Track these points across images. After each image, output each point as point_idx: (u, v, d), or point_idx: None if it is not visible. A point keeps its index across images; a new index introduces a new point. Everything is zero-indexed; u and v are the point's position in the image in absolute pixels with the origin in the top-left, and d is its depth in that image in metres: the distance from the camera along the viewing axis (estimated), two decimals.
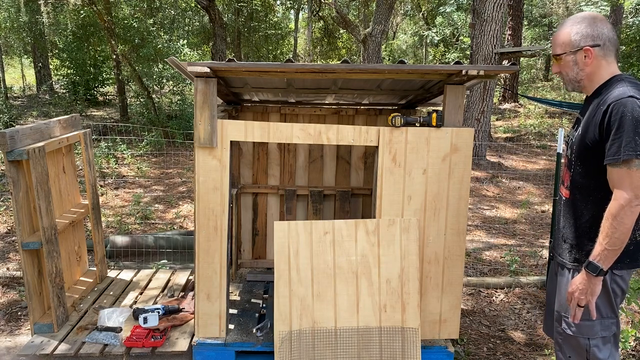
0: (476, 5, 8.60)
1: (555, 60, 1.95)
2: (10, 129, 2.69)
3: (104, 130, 9.94)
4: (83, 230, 3.68)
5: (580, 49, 1.85)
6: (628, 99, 1.73)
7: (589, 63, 1.87)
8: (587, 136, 1.85)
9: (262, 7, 18.24)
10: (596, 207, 1.86)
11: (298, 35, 24.71)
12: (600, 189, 1.85)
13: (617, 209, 1.72)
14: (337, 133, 2.63)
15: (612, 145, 1.74)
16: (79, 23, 13.69)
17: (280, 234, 2.66)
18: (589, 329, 1.94)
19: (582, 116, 1.96)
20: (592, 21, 1.85)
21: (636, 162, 1.70)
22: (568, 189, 1.98)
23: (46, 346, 2.73)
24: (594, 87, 1.91)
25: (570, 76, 1.93)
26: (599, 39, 1.84)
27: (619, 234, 1.73)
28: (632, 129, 1.70)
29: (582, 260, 1.90)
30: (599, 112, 1.80)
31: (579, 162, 1.91)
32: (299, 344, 2.64)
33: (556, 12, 20.94)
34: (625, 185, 1.72)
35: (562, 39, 1.90)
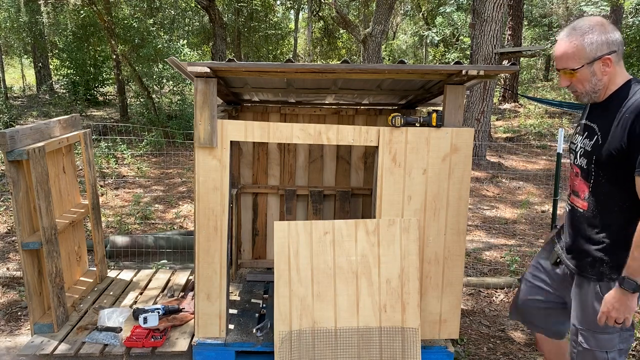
0: (476, 5, 8.60)
1: (568, 75, 1.82)
2: (10, 129, 2.69)
3: (104, 130, 9.94)
4: (83, 230, 3.68)
5: (597, 59, 1.75)
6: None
7: (607, 72, 1.77)
8: (612, 145, 1.74)
9: (262, 7, 18.24)
10: (623, 217, 1.79)
11: (298, 35, 24.71)
12: (626, 199, 1.77)
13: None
14: (337, 133, 2.63)
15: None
16: (79, 23, 13.69)
17: (280, 234, 2.66)
18: (607, 342, 1.88)
19: (592, 123, 1.86)
20: (603, 28, 1.75)
21: None
22: (586, 201, 1.88)
23: (46, 346, 2.73)
24: (607, 94, 1.82)
25: (588, 88, 1.82)
26: (614, 45, 1.75)
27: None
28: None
29: (607, 272, 1.84)
30: (625, 120, 1.70)
31: (601, 172, 1.81)
32: (299, 344, 2.64)
33: (556, 12, 20.94)
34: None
35: (573, 51, 1.77)
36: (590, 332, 1.90)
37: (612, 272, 1.83)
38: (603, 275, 1.84)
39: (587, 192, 1.87)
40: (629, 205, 1.77)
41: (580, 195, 1.91)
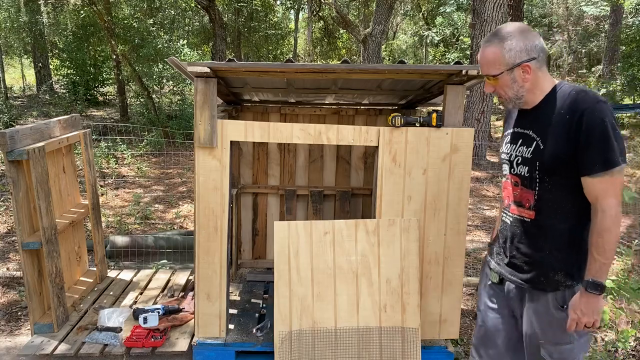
0: (476, 5, 8.60)
1: (490, 81, 1.81)
2: (10, 129, 2.69)
3: (104, 130, 9.94)
4: (83, 230, 3.68)
5: (517, 66, 1.73)
6: (600, 105, 1.65)
7: (528, 79, 1.76)
8: (555, 148, 1.71)
9: (262, 7, 18.24)
10: (573, 221, 1.75)
11: (298, 35, 24.72)
12: (572, 202, 1.74)
13: (610, 221, 1.63)
14: (337, 133, 2.63)
15: (592, 155, 1.63)
16: (79, 23, 13.70)
17: (280, 234, 2.66)
18: (569, 353, 1.83)
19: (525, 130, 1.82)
20: (522, 34, 1.73)
21: (618, 168, 1.63)
22: (533, 209, 1.81)
23: (46, 346, 2.73)
24: (538, 99, 1.79)
25: (510, 95, 1.80)
26: (533, 52, 1.73)
27: (614, 245, 1.65)
28: (611, 134, 1.62)
29: (562, 281, 1.78)
30: (568, 122, 1.68)
31: (546, 177, 1.76)
32: (299, 344, 2.63)
33: (556, 12, 20.93)
34: (610, 195, 1.63)
35: (493, 58, 1.76)
36: (553, 344, 1.84)
37: (567, 279, 1.78)
38: (558, 284, 1.79)
39: (532, 200, 1.81)
40: (577, 209, 1.74)
41: (525, 205, 1.84)
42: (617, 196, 1.64)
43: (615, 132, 1.63)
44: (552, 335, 1.83)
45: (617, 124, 1.65)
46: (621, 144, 1.63)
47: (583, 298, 1.70)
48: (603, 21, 19.27)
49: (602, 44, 19.48)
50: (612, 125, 1.62)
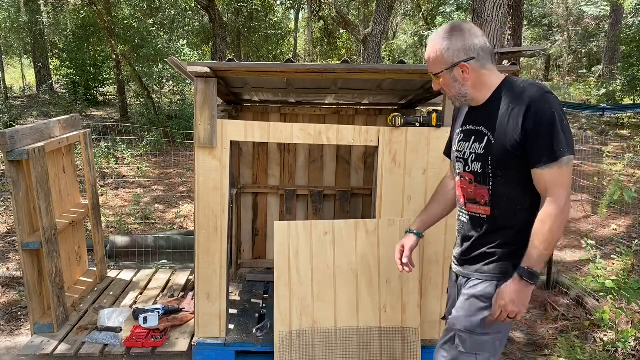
0: (476, 5, 8.59)
1: (435, 79, 1.82)
2: (10, 129, 2.69)
3: (104, 130, 9.94)
4: (83, 230, 3.68)
5: (456, 65, 1.73)
6: (547, 96, 1.64)
7: (467, 78, 1.74)
8: (506, 142, 1.69)
9: (262, 7, 18.24)
10: (526, 215, 1.73)
11: (298, 35, 24.71)
12: (525, 195, 1.73)
13: (557, 210, 1.61)
14: (337, 133, 2.63)
15: (540, 146, 1.62)
16: (79, 23, 13.69)
17: (280, 234, 2.66)
18: (482, 345, 1.80)
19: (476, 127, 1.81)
20: (461, 33, 1.72)
21: (565, 160, 1.60)
22: (488, 205, 1.79)
23: (46, 346, 2.73)
24: (486, 95, 1.77)
25: (454, 92, 1.80)
26: (471, 52, 1.71)
27: (557, 236, 1.63)
28: (558, 125, 1.61)
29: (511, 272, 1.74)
30: (516, 115, 1.66)
31: (499, 172, 1.74)
32: (299, 344, 2.63)
33: (556, 12, 20.93)
34: (559, 185, 1.62)
35: (434, 56, 1.76)
36: (467, 332, 1.81)
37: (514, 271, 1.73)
38: (507, 275, 1.75)
39: (487, 196, 1.79)
40: (530, 202, 1.73)
41: (480, 202, 1.82)
42: (567, 187, 1.63)
43: (563, 123, 1.62)
44: (469, 322, 1.81)
45: (565, 115, 1.64)
46: (568, 135, 1.62)
47: (515, 286, 1.67)
48: (603, 21, 19.28)
49: (602, 44, 19.48)
50: (559, 116, 1.62)
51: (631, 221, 6.12)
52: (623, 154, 9.39)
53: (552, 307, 3.80)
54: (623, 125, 12.41)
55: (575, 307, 3.80)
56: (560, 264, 4.80)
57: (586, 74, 19.83)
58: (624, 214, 6.33)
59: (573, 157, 1.62)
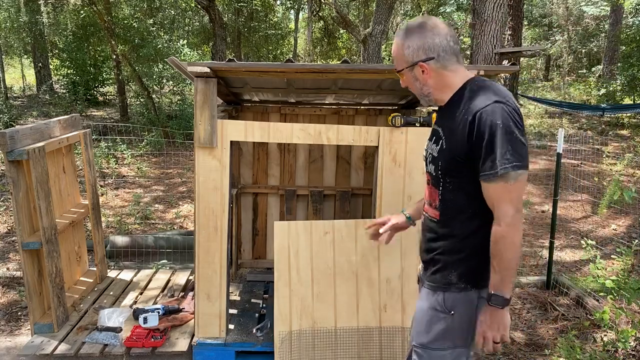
0: (476, 5, 8.60)
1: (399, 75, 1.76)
2: (10, 129, 2.69)
3: (104, 130, 9.94)
4: (83, 230, 3.68)
5: (415, 65, 1.66)
6: (495, 105, 1.53)
7: (427, 78, 1.68)
8: (456, 151, 1.63)
9: (262, 7, 18.24)
10: (472, 225, 1.67)
11: (298, 35, 24.72)
12: (473, 205, 1.66)
13: (505, 230, 1.54)
14: (337, 133, 2.63)
15: (485, 159, 1.53)
16: (79, 23, 13.70)
17: (280, 234, 2.66)
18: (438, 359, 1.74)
19: (439, 127, 1.75)
20: (422, 31, 1.64)
21: (513, 175, 1.51)
22: (438, 209, 1.74)
23: (46, 346, 2.73)
24: (448, 96, 1.70)
25: (416, 92, 1.74)
26: (431, 51, 1.63)
27: (513, 254, 1.56)
28: (504, 138, 1.50)
29: (455, 281, 1.71)
30: (464, 123, 1.58)
31: (447, 178, 1.69)
32: (299, 344, 2.64)
33: (556, 12, 20.94)
34: (506, 202, 1.53)
35: (397, 53, 1.70)
36: (423, 348, 1.75)
37: (460, 281, 1.71)
38: (451, 285, 1.72)
39: (437, 200, 1.75)
40: (478, 212, 1.65)
41: (432, 204, 1.78)
42: (514, 203, 1.54)
43: (512, 135, 1.51)
44: (425, 336, 1.75)
45: (516, 125, 1.53)
46: (518, 148, 1.51)
47: (487, 311, 1.63)
48: (603, 21, 19.28)
49: (602, 44, 19.49)
50: (505, 128, 1.51)
51: (631, 221, 6.13)
52: (623, 154, 9.39)
53: (552, 307, 3.80)
54: (623, 125, 12.42)
55: (575, 307, 3.80)
56: (560, 264, 4.80)
57: (586, 74, 19.84)
58: (624, 214, 6.33)
59: (522, 172, 1.53)
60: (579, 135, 11.32)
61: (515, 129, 1.52)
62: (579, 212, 6.57)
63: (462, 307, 1.70)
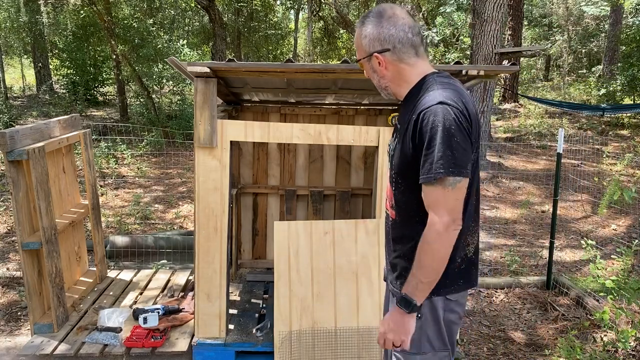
0: (476, 5, 8.60)
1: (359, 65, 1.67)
2: (10, 129, 2.69)
3: (104, 130, 9.94)
4: (83, 230, 3.68)
5: (371, 55, 1.58)
6: (438, 107, 1.44)
7: (384, 71, 1.60)
8: (403, 149, 1.55)
9: (262, 7, 18.24)
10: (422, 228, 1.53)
11: (298, 35, 24.70)
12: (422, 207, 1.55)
13: (433, 236, 1.45)
14: (337, 133, 2.63)
15: (424, 161, 1.45)
16: (79, 23, 13.69)
17: (280, 234, 2.66)
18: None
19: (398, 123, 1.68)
20: (378, 20, 1.56)
21: (450, 180, 1.42)
22: (394, 209, 1.67)
23: (46, 346, 2.73)
24: (405, 91, 1.62)
25: (375, 84, 1.67)
26: (386, 43, 1.55)
27: (435, 264, 1.47)
28: (444, 141, 1.41)
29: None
30: (410, 123, 1.50)
31: (399, 178, 1.61)
32: (299, 344, 2.63)
33: (556, 12, 20.94)
34: (440, 208, 1.44)
35: (356, 42, 1.62)
36: (402, 353, 1.67)
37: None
38: None
39: (392, 200, 1.67)
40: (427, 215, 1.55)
41: (389, 203, 1.70)
42: (449, 210, 1.44)
43: (452, 139, 1.42)
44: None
45: (459, 130, 1.43)
46: (458, 154, 1.42)
47: (393, 313, 1.55)
48: (603, 21, 19.28)
49: (602, 44, 19.49)
50: (446, 131, 1.42)
51: (631, 221, 6.13)
52: (623, 154, 9.39)
53: (552, 307, 3.80)
54: (623, 125, 12.42)
55: (575, 307, 3.80)
56: (560, 264, 4.80)
57: (586, 74, 19.84)
58: (624, 214, 6.33)
59: (461, 179, 1.44)
60: (579, 135, 11.32)
61: (458, 134, 1.43)
62: (579, 212, 6.57)
63: (428, 312, 1.63)
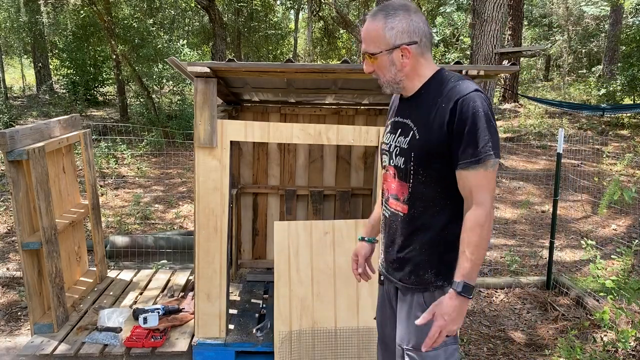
0: (476, 5, 8.60)
1: (369, 59, 1.64)
2: (10, 129, 2.69)
3: (104, 130, 9.94)
4: (83, 230, 3.68)
5: (396, 48, 1.57)
6: (475, 94, 1.52)
7: (406, 63, 1.60)
8: (431, 139, 1.58)
9: (262, 7, 18.24)
10: (445, 217, 1.63)
11: (298, 35, 24.71)
12: (446, 196, 1.62)
13: (484, 217, 1.50)
14: (337, 133, 2.63)
15: (467, 146, 1.51)
16: (79, 23, 13.69)
17: (280, 234, 2.66)
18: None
19: (404, 119, 1.69)
20: (407, 14, 1.56)
21: (492, 162, 1.50)
22: (406, 203, 1.67)
23: (46, 346, 2.73)
24: (416, 87, 1.65)
25: (388, 77, 1.64)
26: (415, 35, 1.56)
27: (486, 244, 1.51)
28: (485, 126, 1.50)
29: (432, 280, 1.66)
30: (443, 111, 1.54)
31: (420, 170, 1.62)
32: (299, 344, 2.64)
33: (556, 12, 20.94)
34: (485, 189, 1.51)
35: (374, 34, 1.58)
36: (416, 351, 1.67)
37: (438, 279, 1.66)
38: (429, 285, 1.67)
39: (407, 193, 1.67)
40: (450, 204, 1.62)
41: (400, 198, 1.70)
42: (491, 192, 1.53)
43: (490, 124, 1.51)
44: (416, 340, 1.68)
45: (493, 116, 1.54)
46: (495, 137, 1.52)
47: (453, 302, 1.52)
48: (603, 21, 19.29)
49: (602, 44, 19.49)
50: (486, 116, 1.51)
51: (631, 221, 6.13)
52: (623, 154, 9.39)
53: (552, 307, 3.80)
54: (623, 125, 12.42)
55: (575, 307, 3.80)
56: (560, 264, 4.80)
57: (586, 74, 19.85)
58: (624, 214, 6.33)
59: (498, 161, 1.53)
60: (579, 135, 11.32)
61: (493, 119, 1.53)
62: (579, 212, 6.57)
63: None
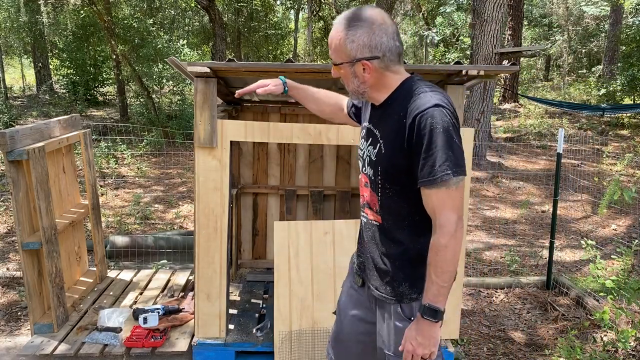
0: (476, 5, 8.60)
1: (334, 67, 1.62)
2: (10, 129, 2.69)
3: (104, 130, 9.94)
4: (83, 230, 3.68)
5: (358, 61, 1.53)
6: (434, 109, 1.45)
7: (368, 77, 1.56)
8: (394, 157, 1.55)
9: (262, 7, 18.24)
10: (414, 231, 1.60)
11: (298, 35, 24.71)
12: (414, 212, 1.59)
13: (446, 238, 1.46)
14: (337, 133, 2.63)
15: (425, 164, 1.46)
16: (79, 23, 13.69)
17: (280, 234, 2.66)
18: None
19: (374, 128, 1.65)
20: (369, 28, 1.50)
21: (454, 180, 1.44)
22: (379, 214, 1.66)
23: (46, 346, 2.73)
24: (383, 97, 1.61)
25: (352, 88, 1.62)
26: (377, 50, 1.51)
27: (452, 265, 1.48)
28: (444, 143, 1.43)
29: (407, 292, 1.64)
30: (403, 126, 1.50)
31: (387, 183, 1.60)
32: (299, 344, 2.64)
33: (556, 12, 20.94)
34: (446, 208, 1.46)
35: (337, 43, 1.55)
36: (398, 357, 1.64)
37: (412, 292, 1.64)
38: (403, 297, 1.64)
39: (377, 205, 1.66)
40: (420, 219, 1.58)
41: (373, 208, 1.68)
42: (456, 210, 1.47)
43: (451, 140, 1.44)
44: (395, 346, 1.65)
45: (455, 131, 1.47)
46: (457, 154, 1.45)
47: (419, 325, 1.53)
48: (603, 21, 19.29)
49: (602, 44, 19.49)
50: (445, 132, 1.44)
51: (631, 221, 6.13)
52: (623, 154, 9.39)
53: (552, 307, 3.80)
54: (623, 125, 12.42)
55: (575, 307, 3.80)
56: (560, 264, 4.80)
57: (586, 74, 19.85)
58: (624, 214, 6.33)
59: (462, 178, 1.46)
60: (579, 135, 11.33)
61: (455, 134, 1.47)
62: (579, 212, 6.57)
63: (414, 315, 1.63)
